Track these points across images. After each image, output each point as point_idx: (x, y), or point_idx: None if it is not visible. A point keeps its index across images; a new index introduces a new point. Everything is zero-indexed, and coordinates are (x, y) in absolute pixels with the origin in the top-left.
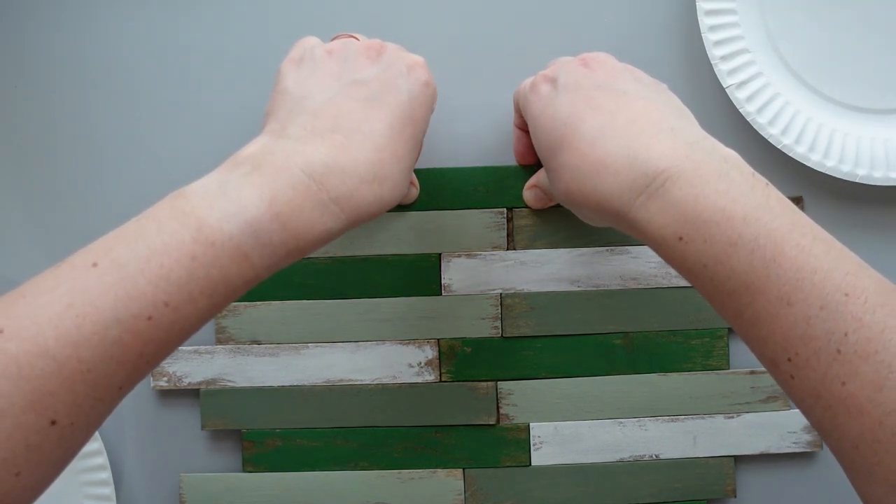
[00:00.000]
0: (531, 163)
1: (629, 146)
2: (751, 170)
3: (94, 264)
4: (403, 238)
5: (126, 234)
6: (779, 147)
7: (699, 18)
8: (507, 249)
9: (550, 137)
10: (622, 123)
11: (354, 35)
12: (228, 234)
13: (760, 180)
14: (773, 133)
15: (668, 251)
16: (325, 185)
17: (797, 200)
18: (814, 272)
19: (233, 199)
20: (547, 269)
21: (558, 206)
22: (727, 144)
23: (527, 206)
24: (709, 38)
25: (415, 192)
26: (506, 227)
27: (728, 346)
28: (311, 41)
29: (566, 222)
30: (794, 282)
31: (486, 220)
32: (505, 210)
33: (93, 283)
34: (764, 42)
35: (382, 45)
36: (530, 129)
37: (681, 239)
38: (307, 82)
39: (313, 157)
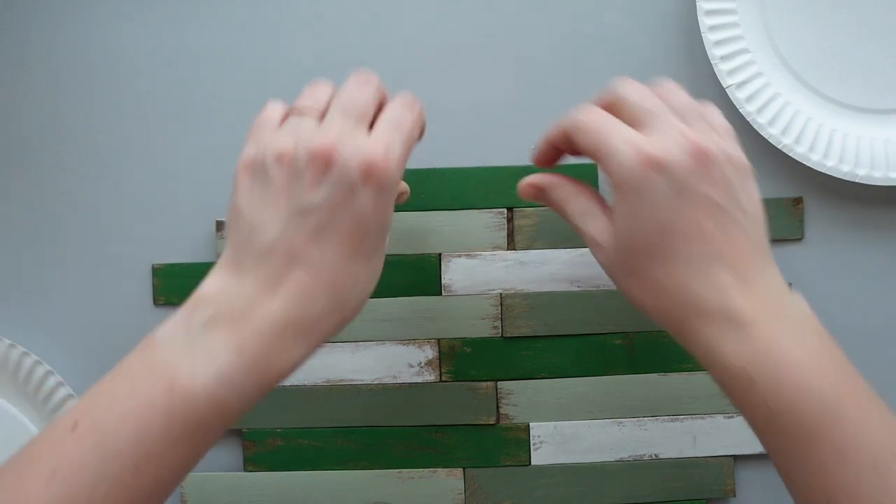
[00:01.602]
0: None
1: (726, 292)
2: (820, 326)
3: (74, 428)
4: (403, 238)
5: (102, 394)
6: (779, 147)
7: (699, 18)
8: (508, 249)
9: (645, 235)
10: (721, 257)
11: (321, 88)
12: (202, 386)
13: (827, 338)
14: (773, 133)
15: (736, 388)
16: (289, 328)
17: (797, 201)
18: (869, 433)
19: (201, 350)
20: (547, 269)
21: None
22: None
23: (528, 206)
24: (709, 38)
25: (404, 196)
26: (506, 227)
27: None
28: (265, 133)
29: (567, 223)
30: (851, 438)
31: (486, 221)
32: (505, 210)
33: (74, 447)
34: (764, 42)
35: (331, 153)
36: (622, 205)
37: (751, 380)
38: (258, 207)
39: (272, 308)
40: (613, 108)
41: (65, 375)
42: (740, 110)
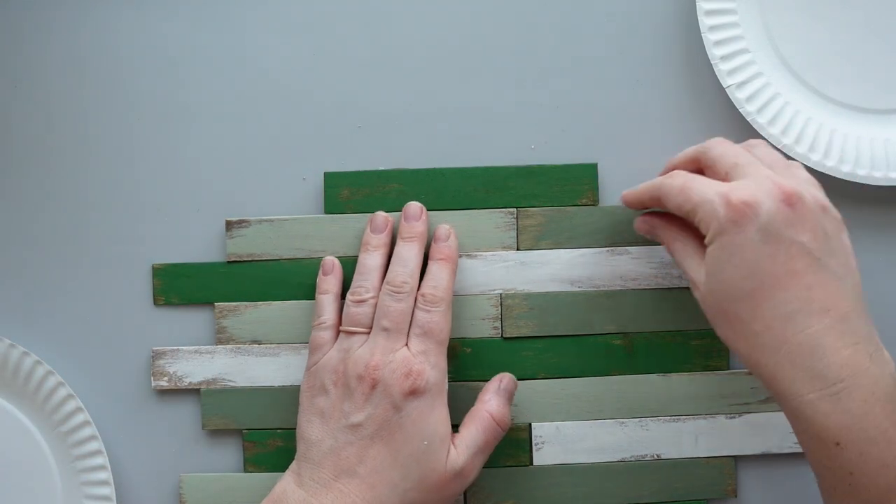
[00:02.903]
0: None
1: (818, 342)
2: None
3: None
4: None
5: None
6: (779, 147)
7: (699, 18)
8: (518, 250)
9: (736, 280)
10: (816, 310)
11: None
12: None
13: None
14: (773, 133)
15: (819, 449)
16: None
17: None
18: None
19: None
20: (547, 270)
21: (567, 207)
22: None
23: (531, 206)
24: (709, 38)
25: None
26: (515, 227)
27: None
28: (319, 355)
29: (570, 223)
30: None
31: (496, 220)
32: (515, 210)
33: None
34: (764, 42)
35: (376, 374)
36: (713, 249)
37: (837, 444)
38: (315, 426)
39: None
40: (702, 167)
41: (65, 375)
42: (740, 110)
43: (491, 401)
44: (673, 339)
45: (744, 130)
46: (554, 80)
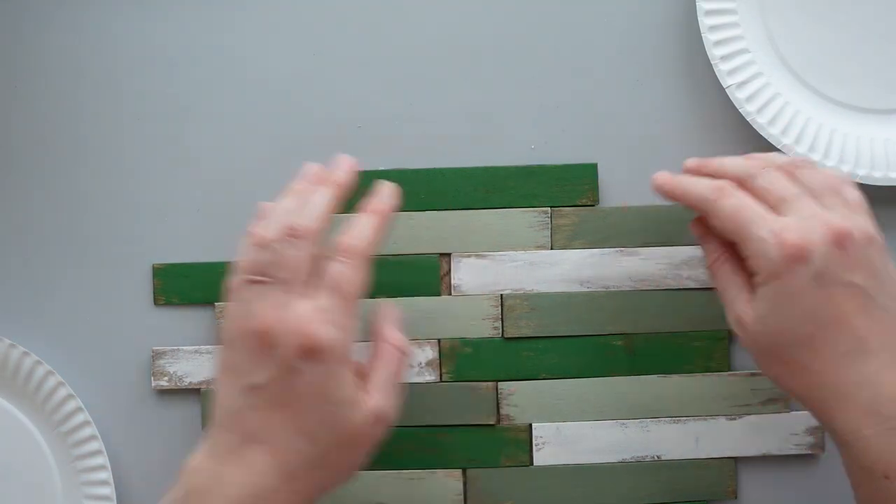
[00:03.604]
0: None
1: (874, 380)
2: None
3: None
4: (438, 236)
5: None
6: (779, 147)
7: (699, 18)
8: (553, 249)
9: (789, 322)
10: (873, 348)
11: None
12: None
13: None
14: (773, 133)
15: (868, 482)
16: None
17: None
18: None
19: None
20: (557, 270)
21: (595, 206)
22: (727, 145)
23: (565, 206)
24: (709, 38)
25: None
26: (549, 226)
27: (729, 348)
28: (231, 300)
29: (604, 222)
30: None
31: (529, 220)
32: (549, 209)
33: None
34: (764, 42)
35: (271, 332)
36: (765, 290)
37: (887, 478)
38: (221, 384)
39: (233, 483)
40: (750, 188)
41: (65, 375)
42: (740, 110)
43: (387, 332)
44: (674, 340)
45: (744, 130)
46: (554, 80)
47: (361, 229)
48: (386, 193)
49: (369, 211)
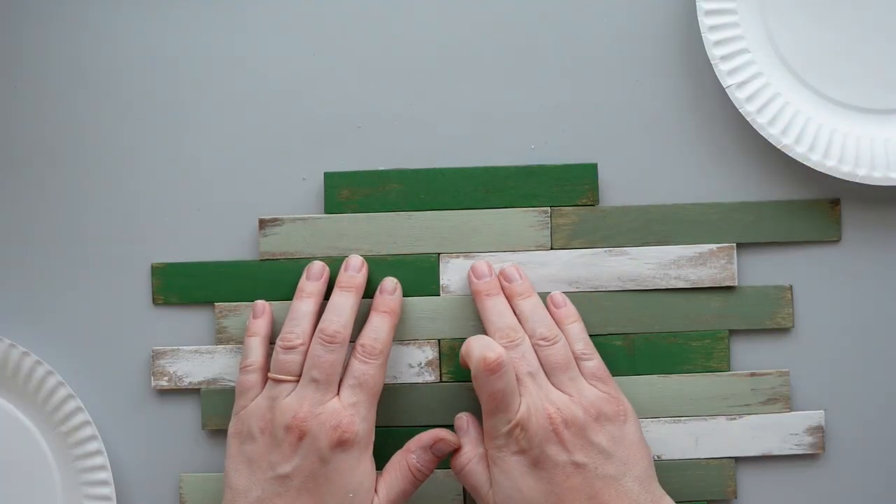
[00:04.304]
0: None
1: None
2: None
3: None
4: (427, 235)
5: None
6: (779, 147)
7: (699, 18)
8: (552, 249)
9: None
10: None
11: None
12: None
13: None
14: (773, 133)
15: None
16: None
17: (835, 203)
18: None
19: None
20: (545, 271)
21: (594, 206)
22: (727, 144)
23: (565, 205)
24: (709, 38)
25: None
26: (549, 226)
27: (728, 348)
28: (247, 400)
29: (604, 222)
30: None
31: (529, 220)
32: (549, 209)
33: None
34: (764, 42)
35: (304, 426)
36: (498, 470)
37: None
38: (242, 475)
39: None
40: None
41: (65, 375)
42: (740, 110)
43: (415, 453)
44: (673, 340)
45: (744, 130)
46: (554, 80)
47: (378, 331)
48: (394, 290)
49: (381, 312)
